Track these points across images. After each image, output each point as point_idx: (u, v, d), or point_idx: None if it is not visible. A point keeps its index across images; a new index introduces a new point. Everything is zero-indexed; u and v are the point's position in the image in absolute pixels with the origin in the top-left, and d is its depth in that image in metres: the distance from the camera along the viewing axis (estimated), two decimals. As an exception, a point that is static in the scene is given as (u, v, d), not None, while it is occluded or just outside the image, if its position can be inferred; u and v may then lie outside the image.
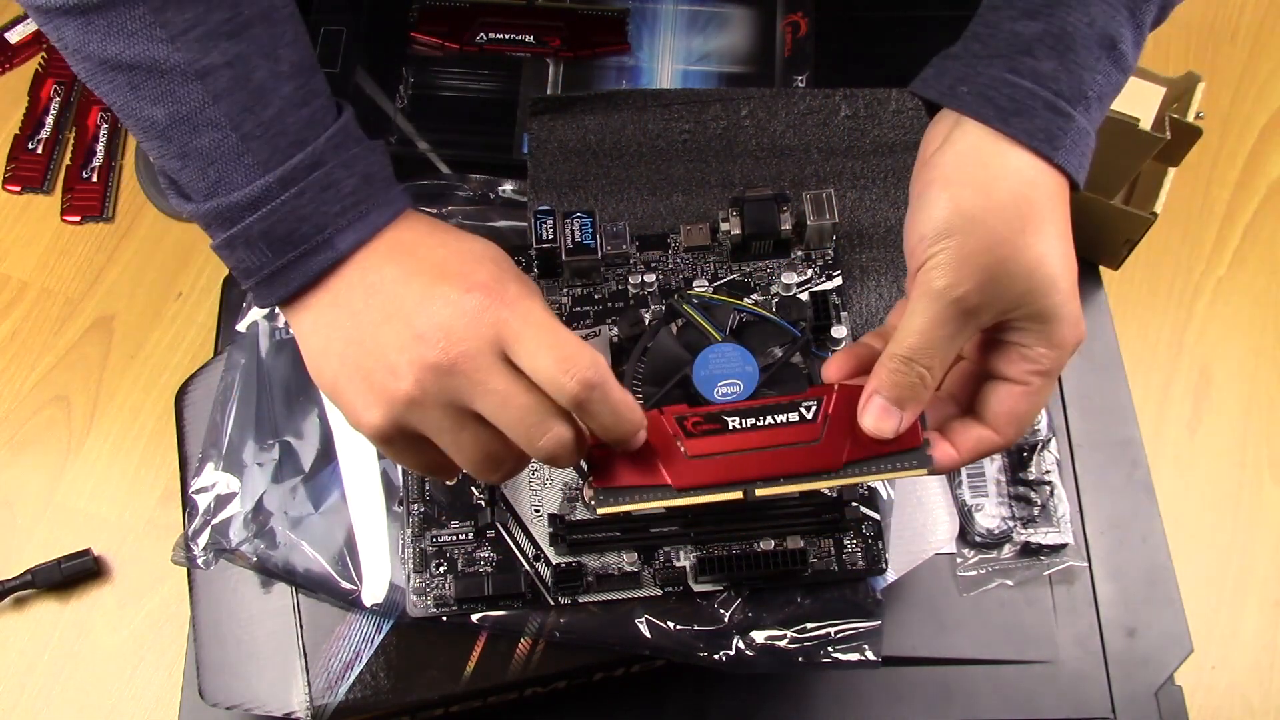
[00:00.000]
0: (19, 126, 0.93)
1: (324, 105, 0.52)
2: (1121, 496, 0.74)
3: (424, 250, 0.51)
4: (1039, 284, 0.48)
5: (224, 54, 0.48)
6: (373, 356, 0.49)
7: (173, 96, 0.48)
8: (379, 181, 0.52)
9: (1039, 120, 0.49)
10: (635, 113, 0.77)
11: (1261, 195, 0.91)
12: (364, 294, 0.50)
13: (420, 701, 0.65)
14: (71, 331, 0.87)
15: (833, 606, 0.65)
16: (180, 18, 0.47)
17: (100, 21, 0.47)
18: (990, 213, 0.48)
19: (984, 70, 0.50)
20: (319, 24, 0.86)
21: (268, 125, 0.49)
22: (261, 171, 0.49)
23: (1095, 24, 0.49)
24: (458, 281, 0.49)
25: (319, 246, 0.50)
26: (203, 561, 0.67)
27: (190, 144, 0.49)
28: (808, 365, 0.64)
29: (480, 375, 0.48)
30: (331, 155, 0.50)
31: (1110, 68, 0.50)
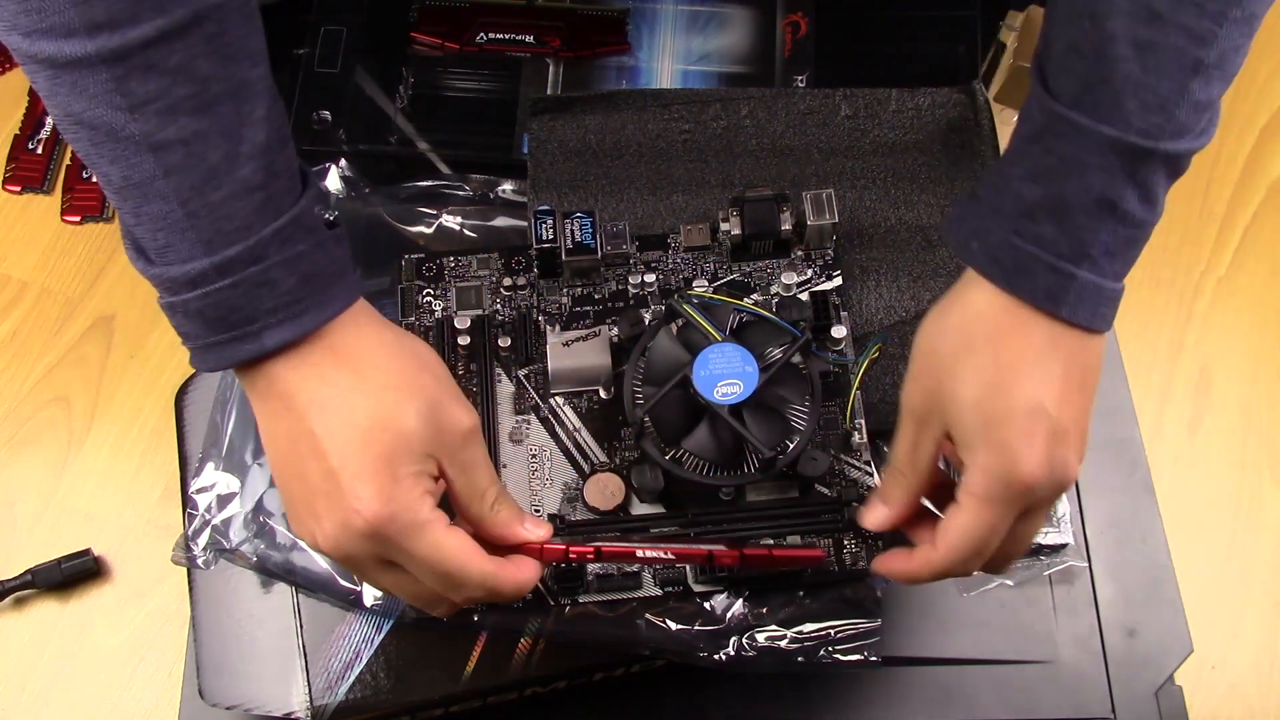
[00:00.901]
0: (19, 126, 0.93)
1: (283, 188, 0.51)
2: (1121, 496, 0.74)
3: (353, 368, 0.52)
4: (965, 405, 0.52)
5: (181, 130, 0.48)
6: (303, 485, 0.52)
7: (127, 162, 0.48)
8: (321, 280, 0.51)
9: (1040, 281, 0.51)
10: (635, 113, 0.77)
11: (1261, 195, 0.91)
12: (296, 407, 0.51)
13: (420, 701, 0.65)
14: (71, 331, 0.87)
15: (832, 606, 0.64)
16: (142, 89, 0.47)
17: (66, 78, 0.47)
18: (939, 338, 0.54)
19: (993, 229, 0.53)
20: (319, 24, 0.86)
21: (214, 207, 0.49)
22: (203, 252, 0.49)
23: (1092, 190, 0.51)
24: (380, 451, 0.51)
25: (248, 337, 0.50)
26: (203, 561, 0.67)
27: (141, 207, 0.49)
28: (807, 365, 0.64)
29: (391, 552, 0.52)
30: (275, 250, 0.50)
31: (1116, 225, 0.51)
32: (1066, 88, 0.51)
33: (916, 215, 0.73)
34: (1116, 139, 0.50)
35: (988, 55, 0.82)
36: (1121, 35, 0.49)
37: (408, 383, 0.53)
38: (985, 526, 0.52)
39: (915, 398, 0.55)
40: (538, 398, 0.68)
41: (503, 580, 0.54)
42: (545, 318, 0.69)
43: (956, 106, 0.76)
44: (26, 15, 0.46)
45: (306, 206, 0.52)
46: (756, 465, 0.62)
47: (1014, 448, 0.51)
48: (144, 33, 0.46)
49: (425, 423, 0.52)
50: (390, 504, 0.51)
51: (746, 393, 0.61)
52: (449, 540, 0.52)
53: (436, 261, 0.71)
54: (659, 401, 0.61)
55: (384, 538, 0.51)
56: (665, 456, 0.63)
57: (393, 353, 0.54)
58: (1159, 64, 0.49)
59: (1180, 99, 0.49)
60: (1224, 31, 0.49)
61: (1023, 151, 0.53)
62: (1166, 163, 0.51)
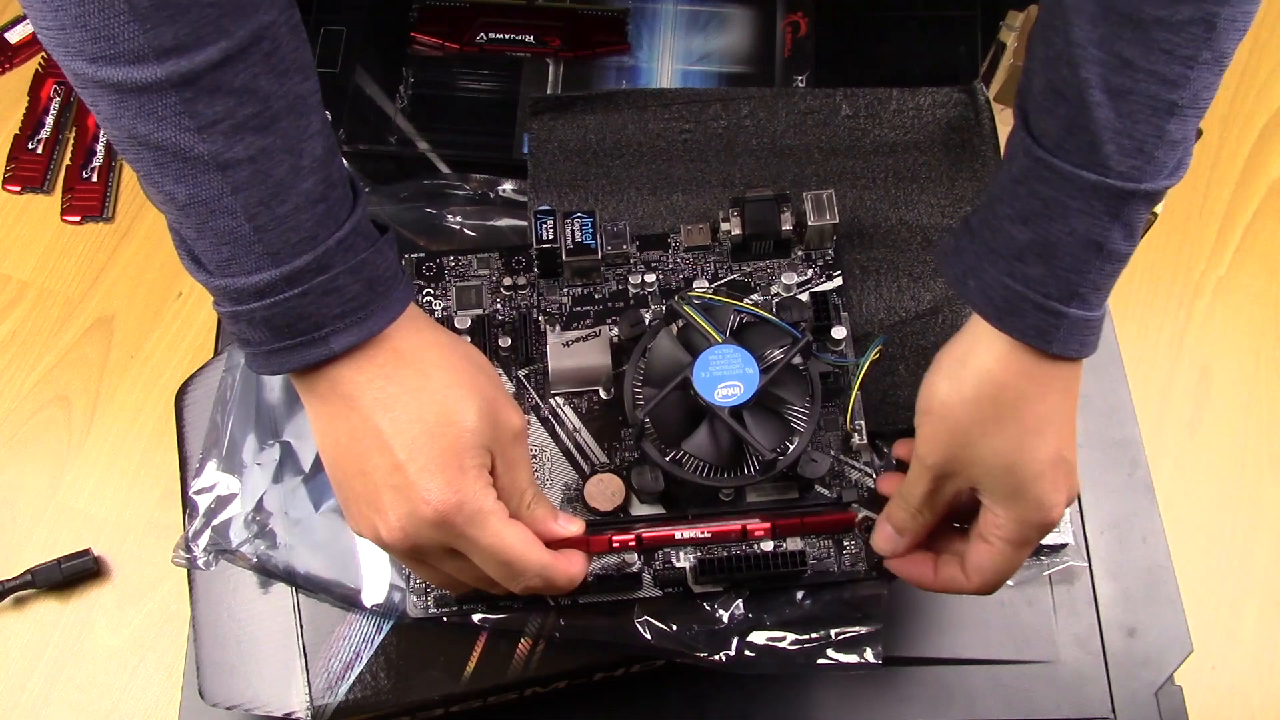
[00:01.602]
0: (19, 126, 0.93)
1: (340, 198, 0.53)
2: (1121, 496, 0.74)
3: (417, 369, 0.54)
4: (996, 471, 0.55)
5: (248, 148, 0.49)
6: (365, 481, 0.54)
7: (194, 180, 0.49)
8: (382, 284, 0.53)
9: (1030, 320, 0.53)
10: (635, 112, 0.77)
11: (1261, 195, 0.91)
12: (360, 406, 0.53)
13: (420, 701, 0.65)
14: (71, 331, 0.87)
15: (833, 607, 0.64)
16: (210, 110, 0.48)
17: (133, 102, 0.47)
18: (959, 406, 0.55)
19: (987, 268, 0.55)
20: (319, 24, 0.86)
21: (281, 220, 0.50)
22: (271, 264, 0.50)
23: (1077, 233, 0.52)
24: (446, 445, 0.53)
25: (315, 342, 0.52)
26: (203, 562, 0.67)
27: (207, 223, 0.50)
28: (808, 366, 0.64)
29: (457, 541, 0.55)
30: (340, 259, 0.51)
31: (1103, 264, 0.53)
32: (1048, 130, 0.52)
33: (917, 215, 0.73)
34: (1098, 183, 0.51)
35: (988, 55, 0.82)
36: (1095, 83, 0.50)
37: (468, 381, 0.55)
38: (1016, 564, 0.57)
39: (934, 457, 0.57)
40: (538, 398, 0.68)
41: (558, 571, 0.58)
42: (545, 318, 0.69)
43: (957, 106, 0.76)
44: (94, 43, 0.46)
45: (362, 215, 0.53)
46: (757, 467, 0.62)
47: (1047, 500, 0.55)
48: (210, 56, 0.47)
49: (484, 420, 0.54)
50: (458, 493, 0.53)
51: (747, 394, 0.61)
52: (511, 530, 0.55)
53: (436, 261, 0.71)
54: (659, 403, 0.61)
55: (451, 526, 0.54)
56: (665, 457, 0.63)
57: (450, 354, 0.56)
58: (1133, 110, 0.50)
59: (1157, 141, 0.50)
60: (1195, 74, 0.50)
61: (1011, 192, 0.54)
62: (1147, 199, 0.52)
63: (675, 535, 0.62)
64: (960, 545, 0.60)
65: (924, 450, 0.57)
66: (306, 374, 0.54)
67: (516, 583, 0.57)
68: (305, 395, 0.55)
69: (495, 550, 0.55)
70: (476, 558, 0.55)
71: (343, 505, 0.57)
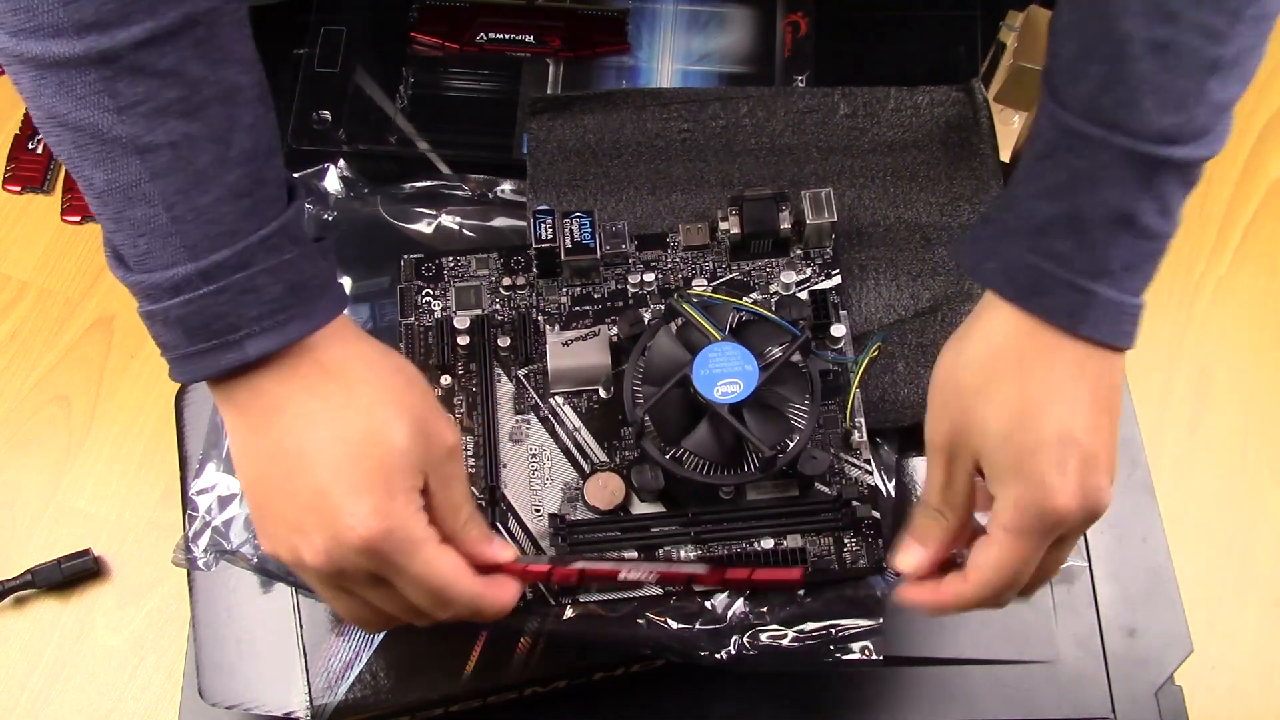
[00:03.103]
0: (19, 126, 0.93)
1: (270, 196, 0.50)
2: (1121, 496, 0.74)
3: (343, 383, 0.51)
4: (995, 440, 0.51)
5: (169, 133, 0.47)
6: (286, 503, 0.51)
7: (112, 165, 0.48)
8: (307, 291, 0.51)
9: (1058, 298, 0.51)
10: (634, 112, 0.77)
11: (1261, 195, 0.91)
12: (281, 421, 0.51)
13: (420, 701, 0.65)
14: (71, 331, 0.87)
15: (833, 606, 0.64)
16: (131, 90, 0.46)
17: (52, 78, 0.46)
18: (961, 371, 0.53)
19: (1007, 248, 0.52)
20: (319, 24, 0.86)
21: (201, 212, 0.48)
22: (187, 257, 0.48)
23: (1108, 204, 0.50)
24: (373, 467, 0.50)
25: (229, 345, 0.49)
26: (203, 563, 0.67)
27: (124, 212, 0.49)
28: (807, 364, 0.64)
29: (383, 569, 0.52)
30: (261, 257, 0.49)
31: (1134, 240, 0.50)
32: (1080, 94, 0.50)
33: (915, 214, 0.73)
34: (1130, 149, 0.49)
35: (988, 55, 0.82)
36: (1136, 36, 0.48)
37: (396, 398, 0.52)
38: (1018, 560, 0.52)
39: (941, 434, 0.54)
40: (537, 397, 0.68)
41: (488, 600, 0.55)
42: (545, 317, 0.69)
43: (955, 105, 0.76)
44: (14, 14, 0.45)
45: (294, 217, 0.51)
46: (757, 464, 0.62)
47: (1047, 480, 0.51)
48: (134, 34, 0.46)
49: (415, 438, 0.52)
50: (386, 519, 0.50)
51: (746, 392, 0.61)
52: (441, 558, 0.52)
53: (436, 261, 0.71)
54: (659, 401, 0.61)
55: (378, 553, 0.51)
56: (665, 456, 0.63)
57: (379, 368, 0.53)
58: (1176, 63, 0.48)
59: (1199, 98, 0.49)
60: (1239, 29, 0.48)
61: (1034, 169, 0.52)
62: (1180, 173, 0.50)
63: (620, 575, 0.59)
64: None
65: (931, 428, 0.55)
66: (225, 383, 0.51)
67: (444, 611, 0.54)
68: (223, 406, 0.52)
69: (424, 579, 0.52)
70: (404, 587, 0.52)
71: (258, 524, 0.53)
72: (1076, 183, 0.50)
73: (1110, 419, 0.52)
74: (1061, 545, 0.54)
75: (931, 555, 0.56)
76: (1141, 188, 0.50)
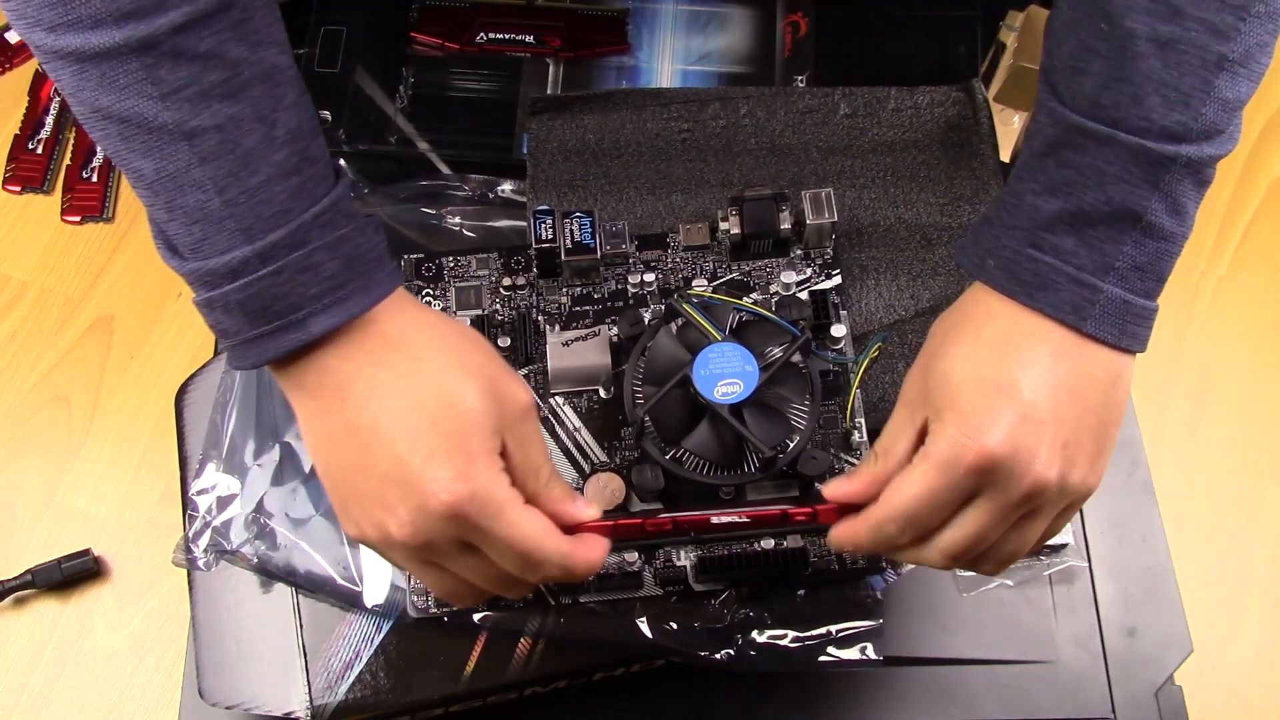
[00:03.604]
0: (19, 126, 0.93)
1: (318, 174, 0.50)
2: (1121, 496, 0.74)
3: (408, 351, 0.51)
4: (941, 380, 0.51)
5: (215, 116, 0.47)
6: (366, 478, 0.50)
7: (160, 153, 0.47)
8: (363, 264, 0.50)
9: (1064, 293, 0.50)
10: (634, 112, 0.77)
11: (1261, 195, 0.91)
12: (352, 397, 0.50)
13: (420, 701, 0.65)
14: (71, 331, 0.87)
15: (833, 606, 0.65)
16: (173, 76, 0.46)
17: (94, 71, 0.46)
18: (936, 333, 0.54)
19: (1009, 244, 0.51)
20: (319, 24, 0.86)
21: (253, 193, 0.48)
22: (243, 240, 0.48)
23: (1113, 202, 0.49)
24: (450, 430, 0.50)
25: (292, 325, 0.49)
26: (204, 563, 0.67)
27: (176, 200, 0.48)
28: (807, 364, 0.64)
29: (471, 534, 0.51)
30: (316, 234, 0.49)
31: (1141, 238, 0.50)
32: (1083, 91, 0.50)
33: (916, 214, 0.73)
34: (1137, 146, 0.48)
35: (988, 55, 0.82)
36: (1141, 32, 0.48)
37: (464, 361, 0.51)
38: (927, 488, 0.50)
39: (909, 385, 0.55)
40: (538, 398, 0.68)
41: (578, 559, 0.53)
42: (545, 317, 0.69)
43: (955, 105, 0.76)
44: (51, 9, 0.45)
45: (343, 193, 0.51)
46: (757, 464, 0.62)
47: (976, 415, 0.49)
48: (172, 19, 0.46)
49: (488, 399, 0.51)
50: (470, 482, 0.49)
51: (746, 392, 0.61)
52: (527, 519, 0.51)
53: (436, 261, 0.71)
54: (659, 401, 0.61)
55: (464, 518, 0.50)
56: (665, 456, 0.63)
57: (443, 333, 0.52)
58: (1181, 60, 0.48)
59: (1205, 95, 0.48)
60: (1247, 26, 0.48)
61: (1036, 167, 0.51)
62: (1191, 170, 0.49)
63: (711, 519, 0.57)
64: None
65: (905, 383, 0.55)
66: (289, 366, 0.51)
67: (534, 573, 0.52)
68: (291, 392, 0.52)
69: (513, 541, 0.50)
70: (493, 551, 0.51)
71: (339, 508, 0.53)
72: (1080, 179, 0.50)
73: (1079, 405, 0.51)
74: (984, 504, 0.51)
75: (853, 489, 0.55)
76: (1149, 185, 0.49)
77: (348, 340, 0.50)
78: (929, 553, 0.53)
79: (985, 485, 0.50)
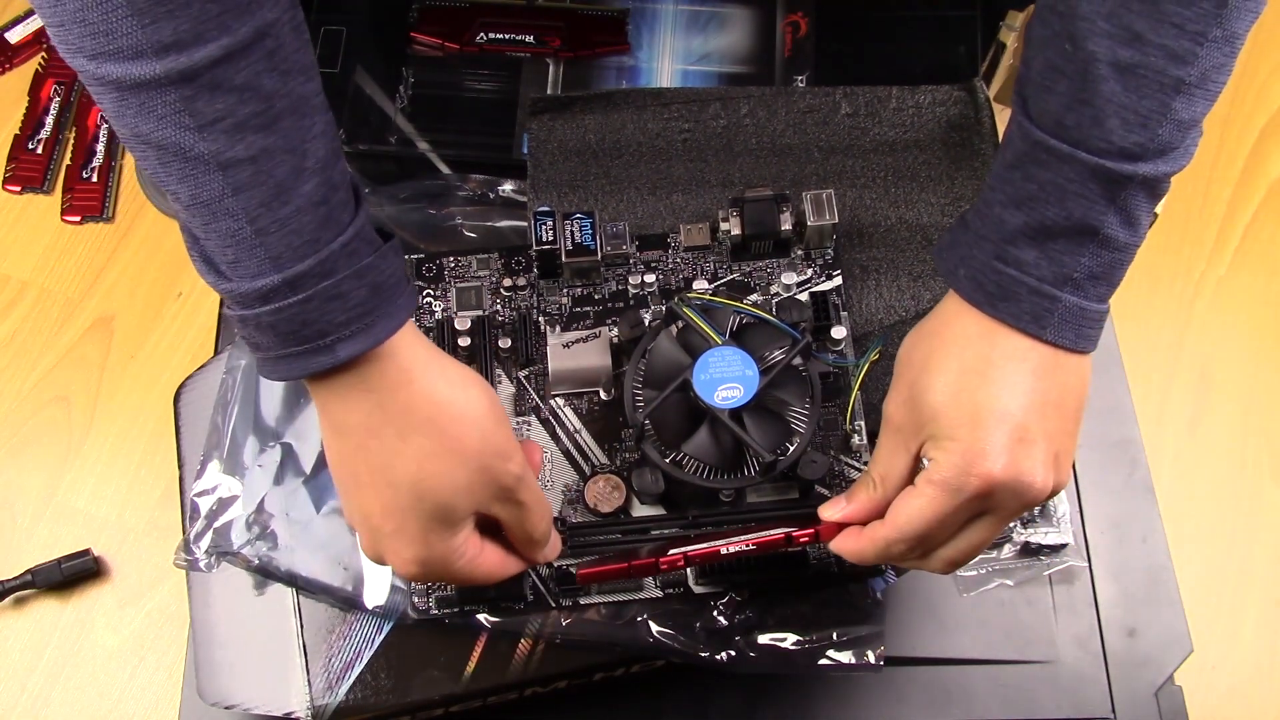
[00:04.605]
0: (19, 126, 0.93)
1: (342, 201, 0.52)
2: (1121, 496, 0.74)
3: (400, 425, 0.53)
4: (935, 408, 0.54)
5: (250, 148, 0.48)
6: (363, 498, 0.54)
7: (196, 181, 0.48)
8: (387, 291, 0.52)
9: (1024, 304, 0.53)
10: (635, 112, 0.77)
11: (1261, 195, 0.91)
12: (350, 436, 0.54)
13: (420, 701, 0.65)
14: (71, 331, 0.87)
15: (833, 607, 0.65)
16: (210, 108, 0.47)
17: (133, 100, 0.47)
18: (913, 349, 0.56)
19: (977, 255, 0.54)
20: (319, 24, 0.86)
21: (283, 223, 0.49)
22: (273, 268, 0.50)
23: (1072, 217, 0.51)
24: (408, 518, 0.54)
25: (320, 350, 0.51)
26: (204, 564, 0.67)
27: (211, 225, 0.50)
28: (807, 367, 0.64)
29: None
30: (344, 264, 0.51)
31: (1098, 249, 0.52)
32: (1048, 109, 0.52)
33: (917, 214, 0.73)
34: (1096, 165, 0.50)
35: (988, 55, 0.82)
36: (1102, 57, 0.50)
37: (452, 445, 0.53)
38: (935, 513, 0.53)
39: (892, 408, 0.56)
40: (538, 399, 0.68)
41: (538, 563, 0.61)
42: (545, 318, 0.69)
43: (957, 104, 0.76)
44: (93, 39, 0.46)
45: (365, 218, 0.52)
46: (757, 468, 0.62)
47: (977, 445, 0.52)
48: (210, 52, 0.46)
49: (469, 484, 0.54)
50: (424, 566, 0.55)
51: (747, 396, 0.61)
52: (480, 571, 0.57)
53: (436, 262, 0.71)
54: (659, 405, 0.61)
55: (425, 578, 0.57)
56: (665, 459, 0.63)
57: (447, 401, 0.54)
58: (1140, 84, 0.50)
59: (1162, 117, 0.50)
60: (1204, 51, 0.49)
61: (1004, 178, 0.53)
62: (1146, 186, 0.51)
63: (721, 551, 0.59)
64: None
65: (886, 404, 0.57)
66: (319, 380, 0.53)
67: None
68: (317, 401, 0.55)
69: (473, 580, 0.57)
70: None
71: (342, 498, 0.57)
72: (1043, 195, 0.52)
73: (1061, 416, 0.54)
74: (984, 521, 0.55)
75: (852, 513, 0.57)
76: (1106, 201, 0.51)
77: (369, 368, 0.52)
78: (932, 563, 0.56)
79: (990, 505, 0.54)
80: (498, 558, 0.57)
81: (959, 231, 0.56)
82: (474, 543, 0.56)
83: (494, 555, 0.57)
